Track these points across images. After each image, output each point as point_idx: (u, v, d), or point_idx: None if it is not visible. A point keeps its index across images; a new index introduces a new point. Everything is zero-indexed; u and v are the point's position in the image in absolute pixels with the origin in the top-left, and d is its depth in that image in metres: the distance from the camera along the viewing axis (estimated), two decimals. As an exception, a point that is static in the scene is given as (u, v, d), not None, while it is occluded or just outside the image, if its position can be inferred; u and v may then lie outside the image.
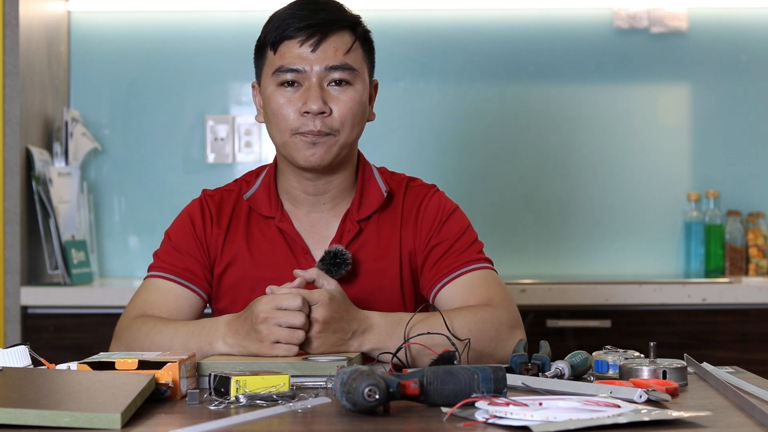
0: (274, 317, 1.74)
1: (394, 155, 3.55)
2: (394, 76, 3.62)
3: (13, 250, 3.14)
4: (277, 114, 1.96)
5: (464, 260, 2.00)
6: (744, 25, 3.66)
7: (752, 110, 3.67)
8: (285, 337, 1.74)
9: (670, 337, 3.12)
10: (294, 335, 1.74)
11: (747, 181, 3.66)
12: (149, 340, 1.89)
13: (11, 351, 1.69)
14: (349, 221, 2.03)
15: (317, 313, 1.76)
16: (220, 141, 3.62)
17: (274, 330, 1.74)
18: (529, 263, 3.65)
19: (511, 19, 3.66)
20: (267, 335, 1.74)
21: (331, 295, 1.78)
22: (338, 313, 1.78)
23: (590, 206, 3.66)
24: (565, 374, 1.65)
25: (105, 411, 1.31)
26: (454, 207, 2.07)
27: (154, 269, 2.04)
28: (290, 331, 1.74)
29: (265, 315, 1.75)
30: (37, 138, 3.32)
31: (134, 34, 3.64)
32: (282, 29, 1.95)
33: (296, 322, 1.74)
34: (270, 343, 1.74)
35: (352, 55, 1.97)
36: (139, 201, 3.63)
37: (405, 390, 1.41)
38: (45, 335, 3.10)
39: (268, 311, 1.75)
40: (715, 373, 1.67)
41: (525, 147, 3.66)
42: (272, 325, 1.74)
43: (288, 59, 1.95)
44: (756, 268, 3.56)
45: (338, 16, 1.97)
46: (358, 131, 2.00)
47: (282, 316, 1.74)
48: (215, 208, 2.07)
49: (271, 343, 1.74)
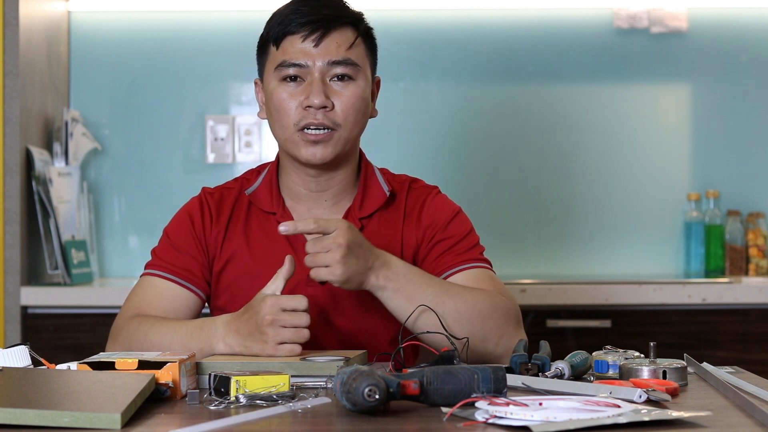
0: (281, 319, 1.74)
1: (393, 155, 3.55)
2: (394, 76, 3.62)
3: (13, 250, 3.14)
4: (280, 109, 1.97)
5: (466, 258, 2.00)
6: (744, 25, 3.66)
7: (752, 110, 3.67)
8: (290, 337, 1.74)
9: (670, 337, 3.12)
10: (299, 334, 1.75)
11: (747, 181, 3.66)
12: (147, 341, 1.88)
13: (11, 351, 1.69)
14: (351, 218, 2.02)
15: (340, 238, 1.75)
16: (220, 141, 3.62)
17: (279, 331, 1.74)
18: (529, 263, 3.65)
19: (511, 19, 3.66)
20: (273, 336, 1.74)
21: (348, 222, 1.79)
22: (359, 239, 1.79)
23: (590, 206, 3.66)
24: (565, 374, 1.65)
25: (105, 411, 1.31)
26: (457, 209, 2.08)
27: (152, 267, 2.03)
28: (296, 331, 1.74)
29: (271, 317, 1.75)
30: (37, 138, 3.32)
31: (134, 34, 3.64)
32: (284, 25, 1.96)
33: (302, 323, 1.75)
34: (274, 344, 1.74)
35: (355, 50, 1.97)
36: (139, 201, 3.63)
37: (405, 390, 1.41)
38: (45, 335, 3.10)
39: (274, 313, 1.75)
40: (715, 373, 1.67)
41: (525, 147, 3.66)
42: (278, 327, 1.74)
43: (290, 54, 1.95)
44: (756, 268, 3.56)
45: (340, 12, 1.98)
46: (360, 126, 2.00)
47: (288, 318, 1.74)
48: (215, 206, 2.06)
49: (275, 344, 1.74)
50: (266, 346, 1.75)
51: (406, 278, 1.83)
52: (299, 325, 1.74)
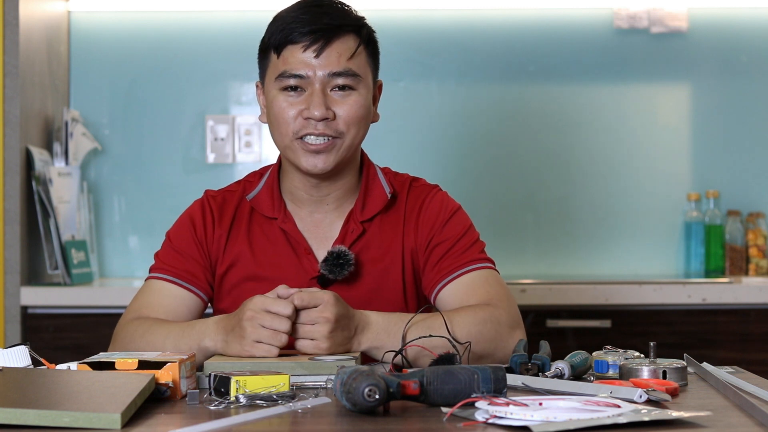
0: (261, 318, 1.74)
1: (394, 155, 3.55)
2: (394, 76, 3.62)
3: (13, 250, 3.14)
4: (279, 118, 1.97)
5: (465, 260, 2.00)
6: (744, 25, 3.66)
7: (752, 110, 3.67)
8: (267, 337, 1.73)
9: (670, 337, 3.12)
10: (276, 337, 1.73)
11: (747, 181, 3.66)
12: (144, 341, 1.89)
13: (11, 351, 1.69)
14: (353, 222, 2.03)
15: (328, 312, 1.75)
16: (220, 141, 3.62)
17: (257, 329, 1.73)
18: (529, 263, 3.65)
19: (511, 19, 3.66)
20: (250, 333, 1.73)
21: (335, 294, 1.79)
22: (345, 310, 1.78)
23: (590, 206, 3.66)
24: (565, 374, 1.65)
25: (105, 411, 1.31)
26: (456, 207, 2.07)
27: (154, 271, 2.04)
28: (273, 333, 1.73)
29: (252, 314, 1.74)
30: (37, 138, 3.32)
31: (134, 34, 3.64)
32: (286, 33, 1.95)
33: (281, 328, 1.73)
34: (251, 341, 1.73)
35: (356, 60, 1.96)
36: (139, 201, 3.63)
37: (405, 390, 1.41)
38: (45, 335, 3.10)
39: (256, 311, 1.74)
40: (715, 373, 1.67)
41: (525, 147, 3.66)
42: (257, 325, 1.73)
43: (291, 64, 1.95)
44: (756, 268, 3.56)
45: (342, 20, 1.96)
46: (362, 134, 2.00)
47: (269, 319, 1.73)
48: (217, 209, 2.07)
49: (252, 342, 1.73)
50: (244, 342, 1.74)
51: (387, 332, 1.83)
52: (278, 329, 1.73)
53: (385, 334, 1.82)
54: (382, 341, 1.82)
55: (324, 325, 1.75)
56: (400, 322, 1.83)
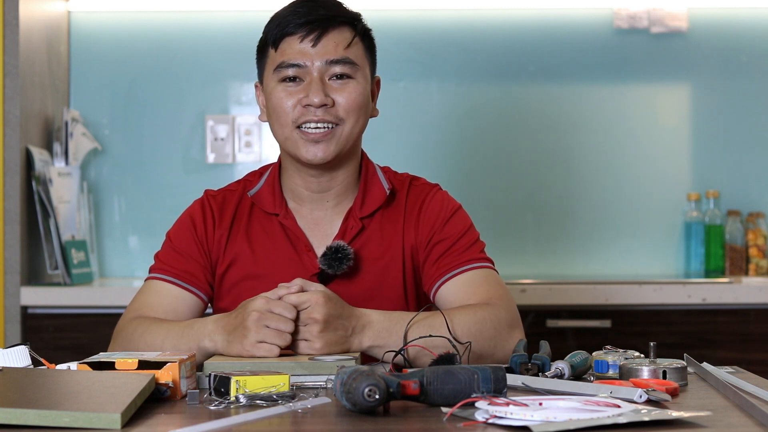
0: (265, 319, 1.74)
1: (393, 155, 3.55)
2: (394, 76, 3.62)
3: (13, 250, 3.14)
4: (278, 108, 1.98)
5: (465, 258, 2.00)
6: (744, 25, 3.66)
7: (752, 110, 3.67)
8: (271, 337, 1.73)
9: (670, 337, 3.12)
10: (281, 337, 1.74)
11: (747, 181, 3.66)
12: (143, 341, 1.90)
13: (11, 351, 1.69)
14: (352, 218, 2.03)
15: (315, 313, 1.76)
16: (220, 141, 3.62)
17: (262, 330, 1.74)
18: (529, 263, 3.65)
19: (511, 19, 3.66)
20: (255, 333, 1.74)
21: (325, 293, 1.78)
22: (336, 311, 1.78)
23: (590, 206, 3.66)
24: (565, 374, 1.65)
25: (105, 411, 1.31)
26: (457, 206, 2.08)
27: (154, 271, 2.05)
28: (278, 333, 1.74)
29: (257, 314, 1.74)
30: (37, 138, 3.32)
31: (134, 34, 3.64)
32: (282, 26, 1.98)
33: (285, 328, 1.74)
34: (254, 341, 1.74)
35: (353, 49, 1.98)
36: (139, 201, 3.63)
37: (405, 390, 1.41)
38: (45, 335, 3.10)
39: (261, 311, 1.75)
40: (715, 373, 1.67)
41: (525, 147, 3.66)
42: (261, 325, 1.74)
43: (289, 55, 1.97)
44: (756, 268, 3.56)
45: (338, 12, 1.99)
46: (362, 124, 2.01)
47: (273, 319, 1.74)
48: (218, 209, 2.07)
49: (254, 342, 1.74)
50: (246, 342, 1.74)
51: (389, 332, 1.83)
52: (283, 329, 1.74)
53: (386, 333, 1.82)
54: (384, 340, 1.82)
55: (313, 326, 1.76)
56: (402, 321, 1.84)
